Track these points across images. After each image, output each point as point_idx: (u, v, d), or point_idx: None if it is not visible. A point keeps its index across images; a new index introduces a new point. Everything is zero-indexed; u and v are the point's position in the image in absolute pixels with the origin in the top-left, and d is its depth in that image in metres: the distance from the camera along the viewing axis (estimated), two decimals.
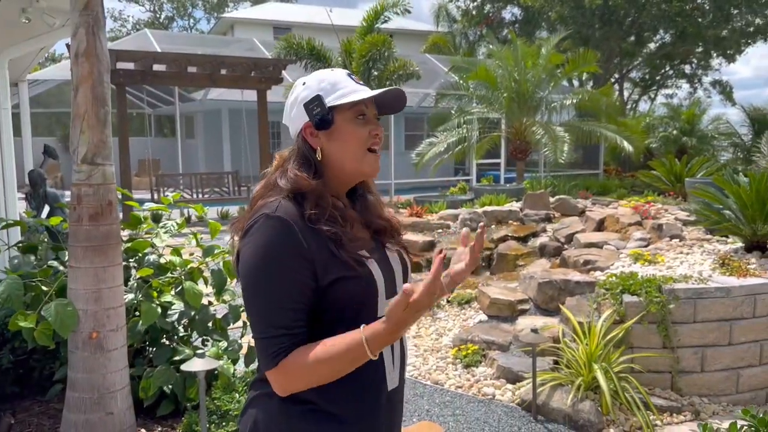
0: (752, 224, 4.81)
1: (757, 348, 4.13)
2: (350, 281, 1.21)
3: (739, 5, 20.31)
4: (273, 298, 1.18)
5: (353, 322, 1.19)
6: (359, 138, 1.28)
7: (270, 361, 1.18)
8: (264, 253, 1.18)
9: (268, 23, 27.68)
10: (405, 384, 1.41)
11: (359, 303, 1.23)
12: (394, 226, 1.40)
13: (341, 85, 1.29)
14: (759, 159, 11.74)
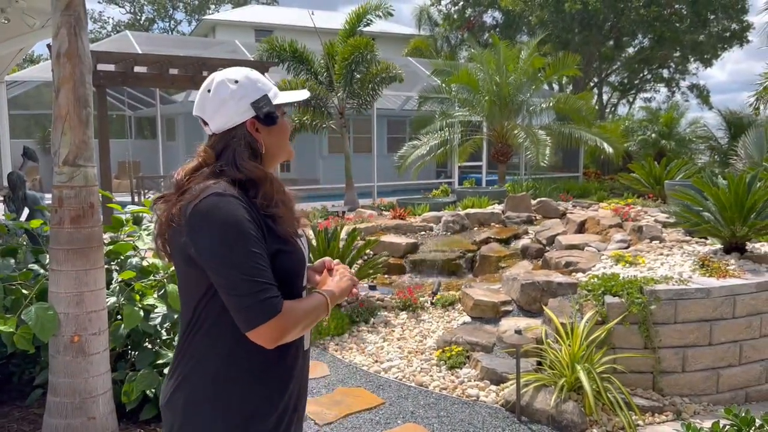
0: (731, 226, 4.89)
1: (736, 348, 4.19)
2: (288, 254, 1.41)
3: (715, 11, 20.70)
4: (253, 259, 1.31)
5: (291, 288, 1.41)
6: (288, 132, 1.53)
7: (271, 309, 1.30)
8: (234, 222, 1.32)
9: (249, 25, 27.56)
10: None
11: (295, 273, 1.44)
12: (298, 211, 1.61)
13: (270, 85, 1.51)
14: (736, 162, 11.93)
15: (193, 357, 1.42)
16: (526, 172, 16.66)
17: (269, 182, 1.43)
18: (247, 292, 1.29)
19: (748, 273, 4.45)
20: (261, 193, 1.41)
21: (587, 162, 19.24)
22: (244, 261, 1.30)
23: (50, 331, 2.71)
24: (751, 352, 4.22)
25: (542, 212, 7.43)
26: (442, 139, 12.15)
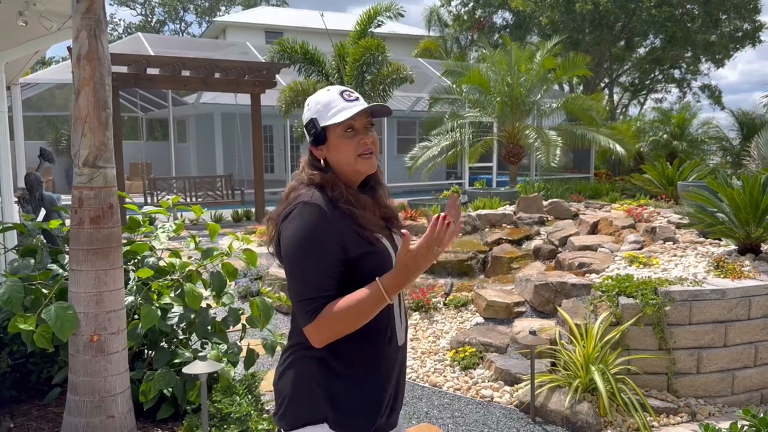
0: (746, 227, 4.86)
1: (752, 349, 4.17)
2: (372, 256, 1.54)
3: (727, 11, 20.56)
4: (309, 267, 1.50)
5: None
6: (349, 148, 1.60)
7: (308, 317, 1.49)
8: (304, 232, 1.50)
9: (260, 27, 27.67)
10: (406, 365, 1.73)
11: (379, 274, 1.50)
12: (396, 213, 1.74)
13: (332, 105, 1.60)
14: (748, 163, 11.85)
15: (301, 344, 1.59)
16: (536, 173, 16.62)
17: (331, 182, 1.59)
18: (297, 297, 1.51)
19: (763, 274, 4.42)
20: (328, 191, 1.58)
21: (598, 163, 19.16)
22: (302, 269, 1.50)
23: (70, 330, 2.74)
24: (767, 354, 4.19)
25: (554, 213, 7.41)
26: (453, 140, 12.15)
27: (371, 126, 1.64)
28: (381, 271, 1.51)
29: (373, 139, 1.62)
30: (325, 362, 1.56)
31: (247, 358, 3.54)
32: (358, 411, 1.56)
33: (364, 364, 1.57)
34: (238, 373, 3.69)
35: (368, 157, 1.61)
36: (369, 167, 1.62)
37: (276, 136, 20.54)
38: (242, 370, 3.66)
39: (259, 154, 12.29)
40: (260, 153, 12.37)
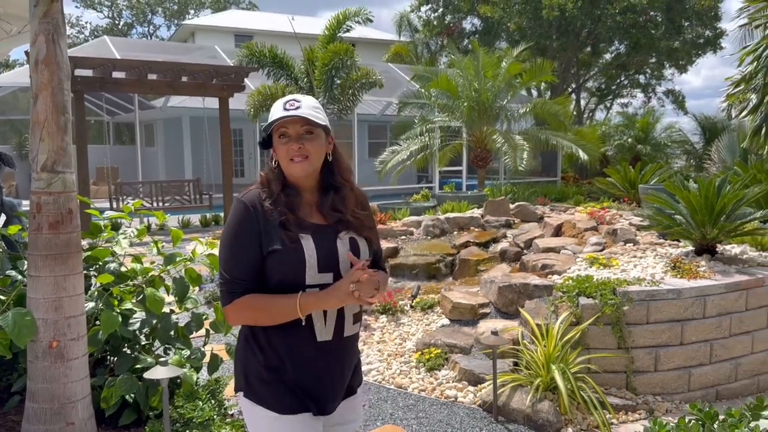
0: (702, 228, 5.02)
1: (707, 347, 4.30)
2: (278, 253, 1.67)
3: (689, 18, 21.13)
4: (226, 254, 1.72)
5: (284, 285, 1.68)
6: (282, 153, 1.74)
7: (224, 299, 1.72)
8: (228, 223, 1.74)
9: (229, 30, 27.50)
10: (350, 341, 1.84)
11: (287, 270, 1.68)
12: (353, 219, 1.79)
13: (273, 114, 1.73)
14: (710, 166, 12.21)
15: None
16: (505, 177, 16.83)
17: (267, 184, 1.76)
18: (220, 279, 1.76)
19: (718, 274, 4.57)
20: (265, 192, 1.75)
21: (565, 166, 19.50)
22: (223, 255, 1.72)
23: (27, 337, 2.71)
24: (721, 352, 4.33)
25: (520, 216, 7.53)
26: (423, 144, 12.25)
27: (310, 133, 1.73)
28: (284, 270, 1.68)
29: (303, 145, 1.71)
30: (247, 339, 1.79)
31: (210, 364, 3.53)
32: (261, 386, 1.75)
33: (272, 348, 1.73)
34: (202, 378, 3.68)
35: (297, 162, 1.72)
36: (298, 171, 1.73)
37: (246, 140, 20.43)
38: (206, 375, 3.65)
39: (228, 158, 12.22)
40: (229, 157, 12.30)
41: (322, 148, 1.77)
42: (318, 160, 1.76)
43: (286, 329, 1.71)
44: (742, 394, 4.38)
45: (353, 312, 1.81)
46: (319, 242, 1.72)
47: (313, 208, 1.79)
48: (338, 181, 1.81)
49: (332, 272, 1.72)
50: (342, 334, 1.78)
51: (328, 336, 1.75)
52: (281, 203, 1.71)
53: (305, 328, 1.72)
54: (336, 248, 1.74)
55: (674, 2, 20.27)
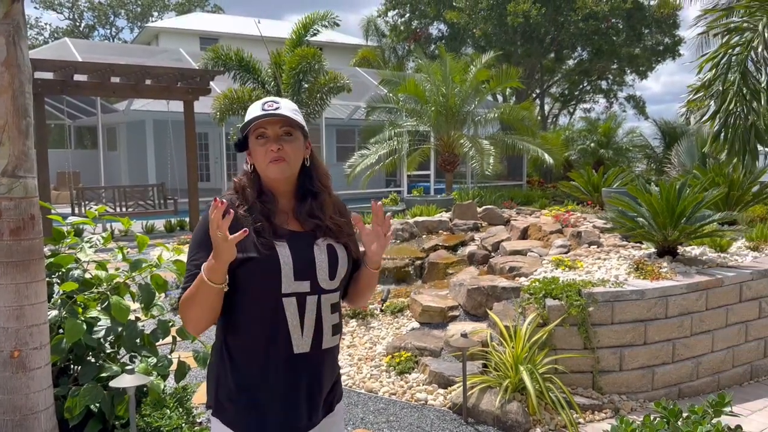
0: (663, 230, 5.15)
1: (669, 346, 4.41)
2: (251, 261, 1.60)
3: (649, 25, 21.70)
4: (191, 258, 1.67)
5: (259, 294, 1.63)
6: (259, 155, 1.68)
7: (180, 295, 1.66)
8: (197, 228, 1.70)
9: (194, 33, 27.18)
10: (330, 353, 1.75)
11: (261, 278, 1.62)
12: (331, 226, 1.75)
13: (250, 115, 1.68)
14: (670, 170, 12.51)
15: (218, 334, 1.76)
16: (472, 181, 17.01)
17: (242, 189, 1.71)
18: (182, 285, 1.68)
19: (679, 275, 4.70)
20: (239, 198, 1.70)
21: (530, 171, 19.79)
22: (190, 252, 1.67)
23: None
24: (683, 350, 4.45)
25: (488, 219, 7.61)
26: (391, 149, 12.29)
27: (289, 135, 1.68)
28: (258, 279, 1.62)
29: (282, 147, 1.66)
30: (220, 353, 1.71)
31: (177, 371, 3.47)
32: (231, 407, 1.67)
33: (245, 362, 1.67)
34: (169, 386, 3.62)
35: (276, 164, 1.66)
36: (276, 173, 1.67)
37: (211, 143, 20.20)
38: (173, 383, 3.59)
39: (193, 163, 12.06)
40: (194, 161, 12.15)
41: (301, 151, 1.72)
42: (296, 164, 1.71)
43: (260, 341, 1.65)
44: (704, 392, 4.50)
45: (333, 323, 1.73)
46: (296, 249, 1.66)
47: (290, 214, 1.73)
48: (316, 187, 1.76)
49: (309, 280, 1.66)
50: (320, 346, 1.71)
51: (306, 348, 1.67)
52: (256, 210, 1.66)
53: (281, 339, 1.65)
54: (313, 255, 1.69)
55: (635, 10, 20.79)
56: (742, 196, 7.10)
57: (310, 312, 1.67)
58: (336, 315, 1.74)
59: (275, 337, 1.65)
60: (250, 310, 1.66)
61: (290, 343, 1.66)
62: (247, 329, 1.67)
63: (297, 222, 1.73)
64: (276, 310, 1.64)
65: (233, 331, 1.69)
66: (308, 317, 1.67)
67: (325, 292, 1.69)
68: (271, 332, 1.64)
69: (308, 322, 1.67)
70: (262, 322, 1.65)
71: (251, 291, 1.64)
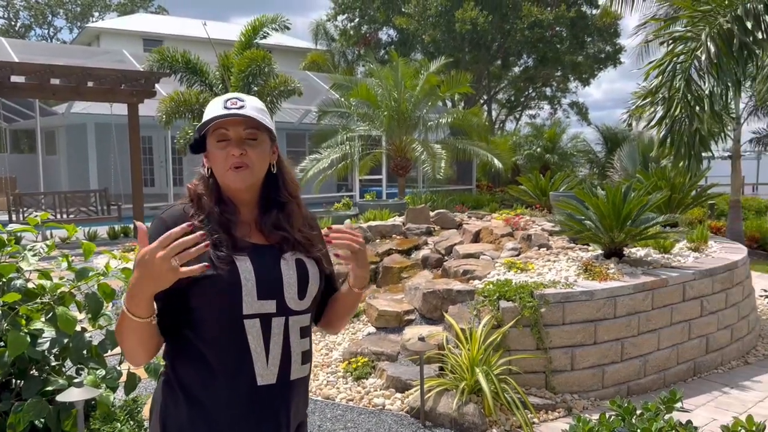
0: (610, 233, 5.31)
1: (618, 346, 4.54)
2: (211, 278, 1.38)
3: (591, 34, 22.42)
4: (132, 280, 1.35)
5: (217, 316, 1.41)
6: (219, 159, 1.47)
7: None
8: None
9: (137, 34, 26.47)
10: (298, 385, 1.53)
11: (219, 297, 1.40)
12: (300, 239, 1.56)
13: (210, 113, 1.47)
14: (612, 174, 12.93)
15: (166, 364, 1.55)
16: (424, 185, 17.14)
17: (197, 199, 1.50)
18: None
19: (626, 276, 4.85)
20: (193, 208, 1.49)
21: (480, 175, 20.11)
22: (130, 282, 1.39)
23: None
24: (631, 349, 4.59)
25: (440, 223, 7.67)
26: (343, 153, 12.27)
27: (252, 138, 1.47)
28: (216, 299, 1.40)
29: (245, 152, 1.45)
30: (169, 384, 1.48)
31: (127, 383, 3.35)
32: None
33: (199, 395, 1.44)
34: (119, 398, 3.49)
35: (237, 172, 1.45)
36: (238, 182, 1.46)
37: (156, 147, 19.68)
38: (123, 396, 3.47)
39: (137, 167, 11.72)
40: (138, 166, 11.80)
41: (266, 156, 1.51)
42: (261, 171, 1.50)
43: (217, 371, 1.42)
44: (651, 389, 4.65)
45: (302, 350, 1.51)
46: (259, 264, 1.45)
47: (252, 226, 1.53)
48: (283, 197, 1.57)
49: (275, 299, 1.45)
50: (288, 377, 1.49)
51: (271, 379, 1.45)
52: (213, 220, 1.45)
53: (242, 369, 1.43)
54: (279, 271, 1.48)
55: (578, 19, 21.44)
56: (683, 199, 7.41)
57: (276, 336, 1.45)
58: (306, 340, 1.53)
59: (235, 367, 1.43)
60: (204, 335, 1.43)
61: (253, 373, 1.44)
62: (201, 357, 1.43)
63: (261, 234, 1.53)
64: (236, 335, 1.42)
65: (185, 359, 1.46)
66: (274, 342, 1.45)
67: (293, 314, 1.48)
68: (231, 361, 1.42)
69: (274, 348, 1.45)
70: (219, 349, 1.42)
71: (207, 312, 1.41)
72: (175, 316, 1.43)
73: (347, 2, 24.96)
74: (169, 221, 1.43)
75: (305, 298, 1.51)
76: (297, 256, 1.52)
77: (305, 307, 1.52)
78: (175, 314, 1.43)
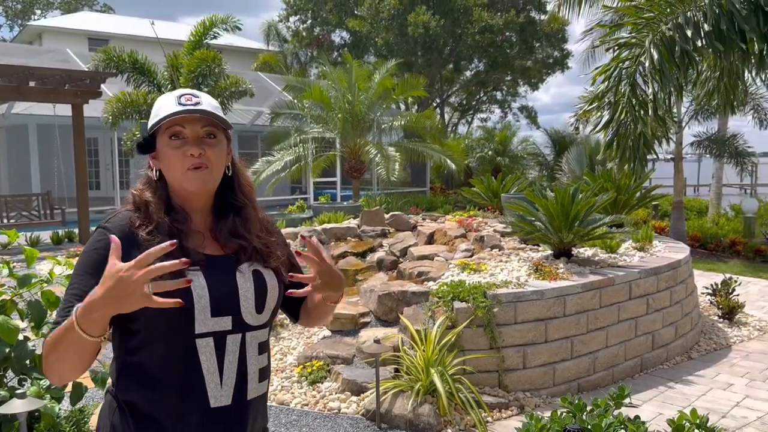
0: (559, 233, 5.44)
1: (568, 344, 4.65)
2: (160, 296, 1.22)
3: (540, 39, 22.93)
4: (72, 283, 1.29)
5: (166, 336, 1.31)
6: (173, 159, 1.35)
7: None
8: (80, 258, 1.31)
9: (82, 33, 25.65)
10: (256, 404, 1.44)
11: (169, 317, 1.27)
12: (258, 246, 1.45)
13: (163, 109, 1.36)
14: (561, 176, 13.25)
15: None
16: (378, 187, 17.17)
17: (144, 207, 1.37)
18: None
19: (575, 275, 4.97)
20: (139, 217, 1.36)
21: (433, 177, 20.30)
22: (68, 286, 1.30)
23: None
24: (581, 347, 4.71)
25: (395, 225, 7.71)
26: (297, 155, 12.20)
27: (212, 137, 1.38)
28: (164, 318, 1.27)
29: (206, 153, 1.35)
30: (115, 407, 1.38)
31: (73, 393, 3.23)
32: None
33: (148, 420, 1.34)
34: (64, 409, 3.37)
35: (197, 172, 1.35)
36: (197, 185, 1.36)
37: (102, 149, 19.11)
38: (68, 406, 3.34)
39: (82, 170, 11.33)
40: (83, 168, 11.42)
41: (224, 157, 1.42)
42: (220, 172, 1.41)
43: (167, 394, 1.33)
44: (600, 385, 4.78)
45: (260, 366, 1.42)
46: (213, 278, 1.35)
47: (206, 235, 1.42)
48: (239, 201, 1.46)
49: (230, 315, 1.35)
50: (245, 397, 1.39)
51: (226, 400, 1.36)
52: (163, 231, 1.33)
53: (194, 391, 1.33)
54: (235, 284, 1.38)
55: (527, 24, 21.90)
56: (629, 200, 7.65)
57: (231, 355, 1.36)
58: (264, 356, 1.44)
59: (187, 389, 1.33)
60: (153, 356, 1.33)
61: (206, 395, 1.34)
62: (149, 378, 1.33)
63: (216, 244, 1.42)
64: (187, 356, 1.32)
65: (131, 379, 1.36)
66: (229, 361, 1.36)
67: (250, 329, 1.39)
68: (181, 382, 1.33)
69: (229, 367, 1.36)
70: (168, 370, 1.32)
71: (155, 332, 1.31)
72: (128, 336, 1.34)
73: (299, 4, 24.82)
74: (115, 231, 1.30)
75: (263, 311, 1.42)
76: (254, 267, 1.43)
77: (263, 322, 1.43)
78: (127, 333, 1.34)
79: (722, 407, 4.37)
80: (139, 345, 1.33)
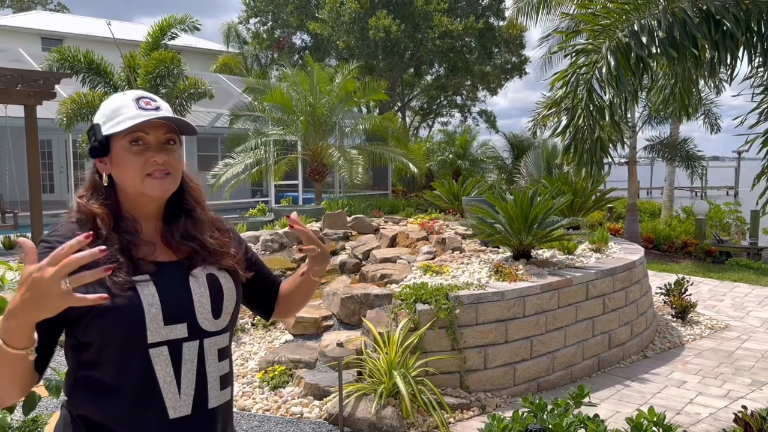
0: (518, 235, 5.53)
1: (528, 343, 4.73)
2: (108, 309, 1.22)
3: (499, 45, 23.28)
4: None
5: (117, 348, 1.26)
6: (134, 166, 1.31)
7: None
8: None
9: (35, 33, 24.91)
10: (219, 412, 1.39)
11: (119, 329, 1.24)
12: (212, 246, 1.43)
13: (121, 111, 1.32)
14: (519, 179, 13.47)
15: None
16: (340, 190, 17.15)
17: (89, 217, 1.32)
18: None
19: (534, 276, 5.06)
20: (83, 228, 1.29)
21: (395, 180, 20.39)
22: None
23: None
24: (540, 347, 4.79)
25: (357, 228, 7.71)
26: (257, 158, 12.09)
27: (172, 143, 1.37)
28: (115, 330, 1.24)
29: (169, 159, 1.34)
30: (68, 423, 1.33)
31: (26, 402, 3.13)
32: None
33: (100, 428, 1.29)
34: (17, 419, 3.26)
35: (159, 178, 1.32)
36: (159, 191, 1.33)
37: (56, 152, 18.56)
38: (21, 416, 3.24)
39: (35, 172, 10.97)
40: (36, 171, 11.05)
41: (183, 162, 1.41)
42: (179, 178, 1.39)
43: (124, 408, 1.28)
44: (559, 385, 4.87)
45: (221, 373, 1.38)
46: (164, 286, 1.31)
47: (157, 241, 1.39)
48: (189, 203, 1.45)
49: (185, 321, 1.32)
50: (206, 405, 1.35)
51: (186, 410, 1.32)
52: (111, 245, 1.27)
53: (151, 402, 1.29)
54: (189, 290, 1.35)
55: (486, 30, 22.20)
56: (585, 202, 7.83)
57: (188, 363, 1.32)
58: (225, 363, 1.40)
59: (143, 401, 1.28)
60: (107, 370, 1.28)
61: (164, 406, 1.29)
62: (103, 391, 1.29)
63: (167, 250, 1.39)
64: (141, 366, 1.27)
65: (85, 393, 1.30)
66: (186, 370, 1.32)
67: (208, 335, 1.35)
68: (137, 394, 1.28)
69: (187, 376, 1.32)
70: (123, 383, 1.27)
71: (107, 346, 1.26)
72: (50, 351, 1.25)
73: (260, 6, 24.62)
74: (54, 245, 1.20)
75: (221, 316, 1.38)
76: (208, 270, 1.39)
77: (222, 327, 1.39)
78: (50, 348, 1.25)
79: (677, 404, 4.51)
80: (92, 358, 1.28)
